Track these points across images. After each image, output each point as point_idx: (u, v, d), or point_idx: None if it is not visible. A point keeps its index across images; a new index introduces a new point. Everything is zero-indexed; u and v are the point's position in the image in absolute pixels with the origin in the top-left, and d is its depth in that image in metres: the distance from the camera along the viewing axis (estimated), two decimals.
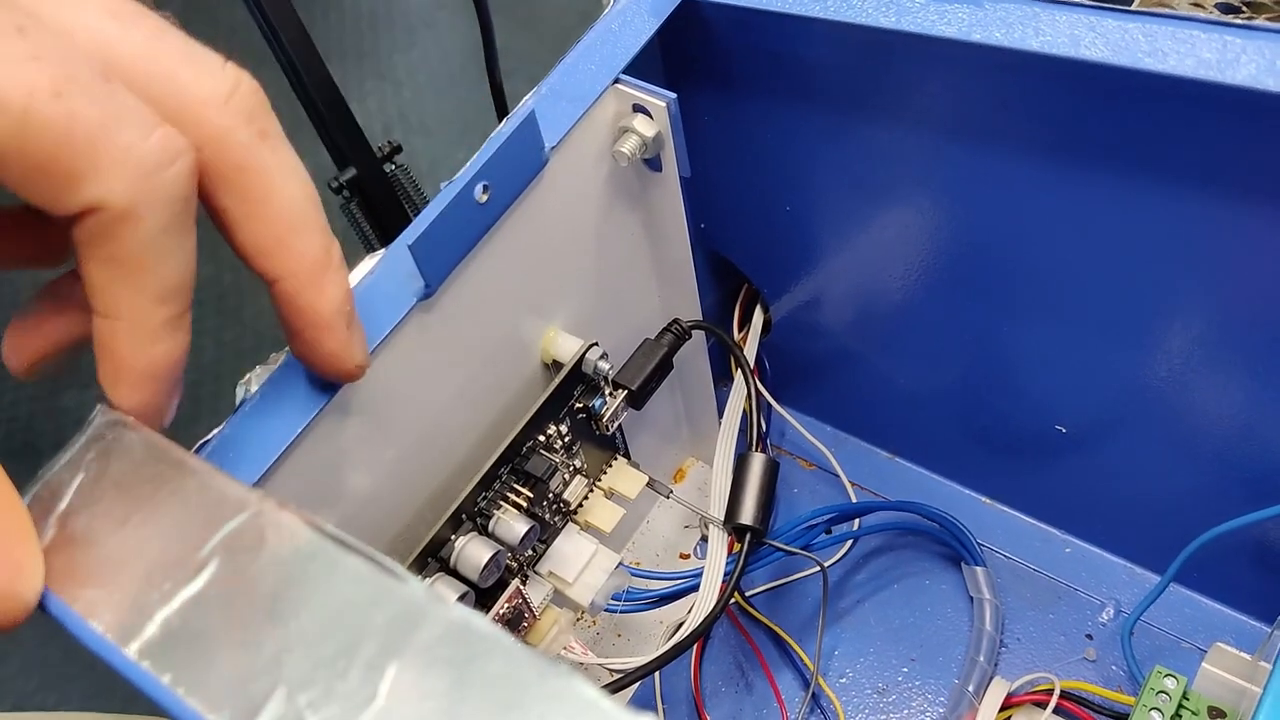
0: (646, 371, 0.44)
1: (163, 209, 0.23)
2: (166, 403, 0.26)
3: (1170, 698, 0.42)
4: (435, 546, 0.39)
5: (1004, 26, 0.35)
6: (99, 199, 0.22)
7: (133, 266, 0.23)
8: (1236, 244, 0.36)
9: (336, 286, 0.28)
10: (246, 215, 0.26)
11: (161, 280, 0.24)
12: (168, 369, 0.25)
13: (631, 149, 0.39)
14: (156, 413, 0.26)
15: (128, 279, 0.23)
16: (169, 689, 0.20)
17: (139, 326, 0.24)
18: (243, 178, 0.25)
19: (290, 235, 0.26)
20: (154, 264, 0.23)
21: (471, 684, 0.19)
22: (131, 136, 0.22)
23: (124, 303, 0.24)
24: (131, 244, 0.23)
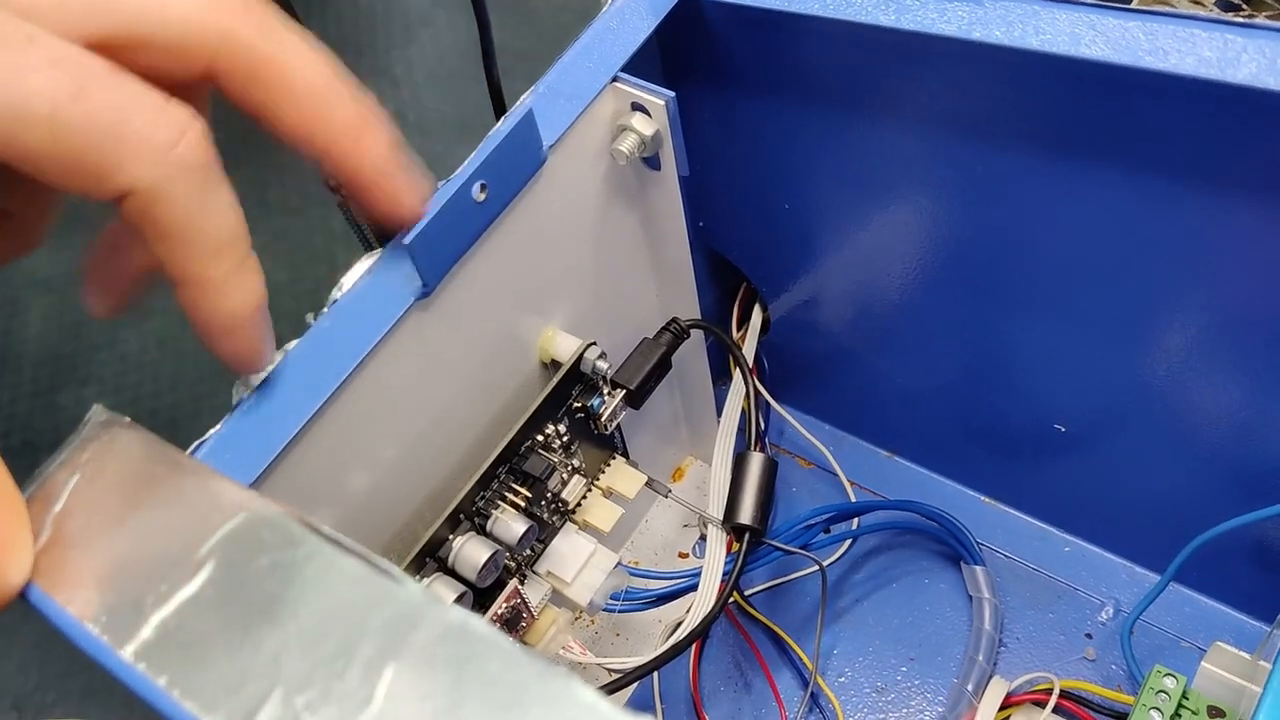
0: (645, 370, 0.44)
1: (185, 180, 0.24)
2: (260, 346, 0.28)
3: (1170, 697, 0.42)
4: (433, 546, 0.39)
5: (1004, 25, 0.34)
6: (128, 185, 0.24)
7: (178, 235, 0.25)
8: (1236, 243, 0.36)
9: (377, 139, 0.29)
10: (276, 104, 0.27)
11: (208, 239, 0.25)
12: (247, 316, 0.27)
13: (630, 147, 0.39)
14: (253, 356, 0.28)
15: (178, 247, 0.25)
16: (165, 691, 0.20)
17: (206, 285, 0.26)
18: (258, 74, 0.27)
19: (319, 107, 0.28)
20: (196, 228, 0.25)
21: (469, 685, 0.19)
22: (143, 123, 0.24)
23: (184, 268, 0.26)
24: (169, 217, 0.24)
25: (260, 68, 0.27)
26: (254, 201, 1.27)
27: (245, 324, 0.27)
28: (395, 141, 0.30)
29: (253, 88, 0.27)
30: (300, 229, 1.27)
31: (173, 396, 1.20)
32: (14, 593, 0.23)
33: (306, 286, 1.22)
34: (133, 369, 1.24)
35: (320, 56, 0.28)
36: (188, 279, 0.26)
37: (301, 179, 1.34)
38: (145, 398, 1.22)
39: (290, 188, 1.29)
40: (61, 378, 1.26)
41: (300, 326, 0.34)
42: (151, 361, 1.22)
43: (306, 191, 1.29)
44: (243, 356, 0.28)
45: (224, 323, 0.27)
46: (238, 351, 0.28)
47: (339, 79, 0.29)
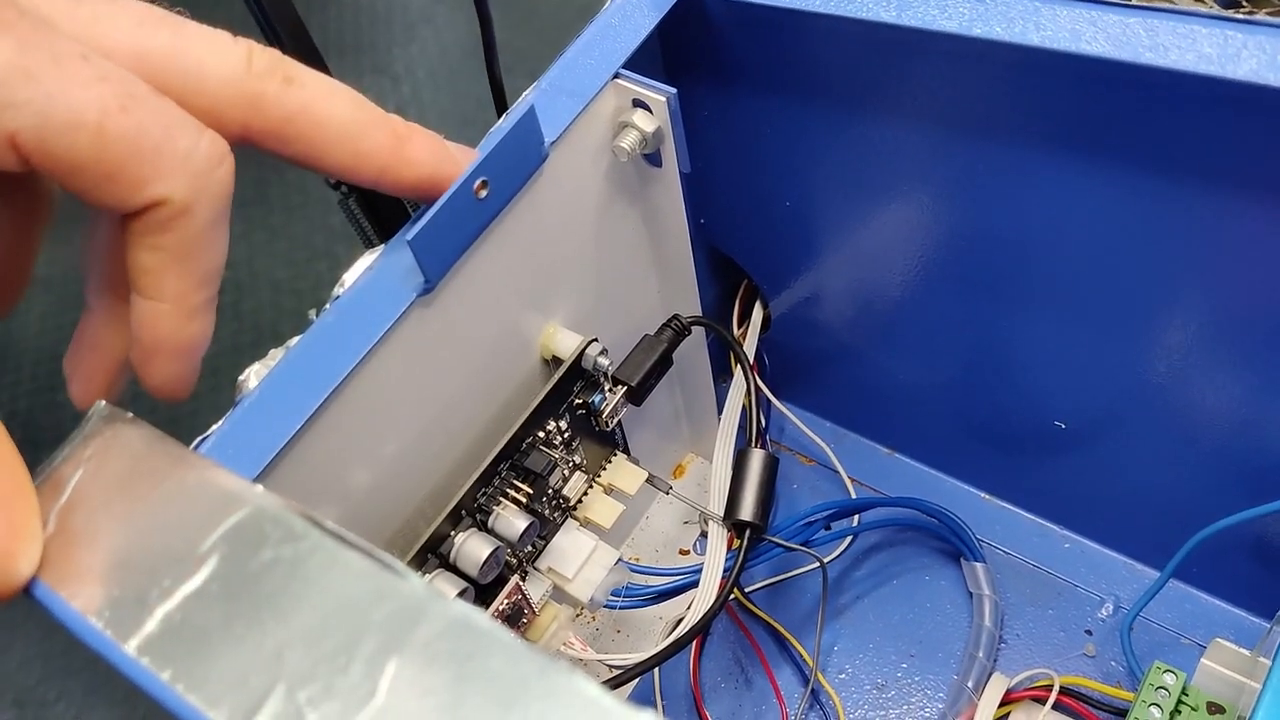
0: (646, 367, 0.44)
1: (213, 204, 0.26)
2: (192, 377, 0.30)
3: (1169, 693, 0.42)
4: (435, 542, 0.39)
5: (1005, 21, 0.34)
6: (164, 196, 0.25)
7: (182, 254, 0.26)
8: (1237, 239, 0.36)
9: (416, 147, 0.31)
10: (318, 150, 0.29)
11: (204, 267, 0.27)
12: (199, 345, 0.29)
13: (631, 144, 0.39)
14: (184, 386, 0.29)
15: (176, 265, 0.26)
16: (168, 685, 0.20)
17: (181, 307, 0.27)
18: (294, 124, 0.28)
19: (357, 142, 0.30)
20: (200, 253, 0.27)
21: (472, 680, 0.19)
22: (188, 142, 0.25)
23: (170, 286, 0.27)
24: (185, 234, 0.26)
25: (293, 122, 0.28)
26: (254, 199, 1.27)
27: (195, 353, 0.29)
28: (431, 137, 0.32)
29: (291, 140, 0.29)
30: (300, 226, 1.27)
31: None
32: (22, 583, 0.23)
33: (307, 284, 1.22)
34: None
35: (342, 92, 0.30)
36: (168, 296, 0.27)
37: (302, 176, 1.34)
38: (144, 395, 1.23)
39: (291, 185, 1.29)
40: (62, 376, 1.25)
41: (302, 323, 0.34)
42: None
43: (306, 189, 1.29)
44: (177, 383, 0.29)
45: (178, 347, 0.28)
46: (178, 376, 0.29)
47: (363, 108, 0.30)
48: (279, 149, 0.29)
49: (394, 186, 0.31)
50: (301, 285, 1.22)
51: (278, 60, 0.28)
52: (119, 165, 0.24)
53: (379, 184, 0.31)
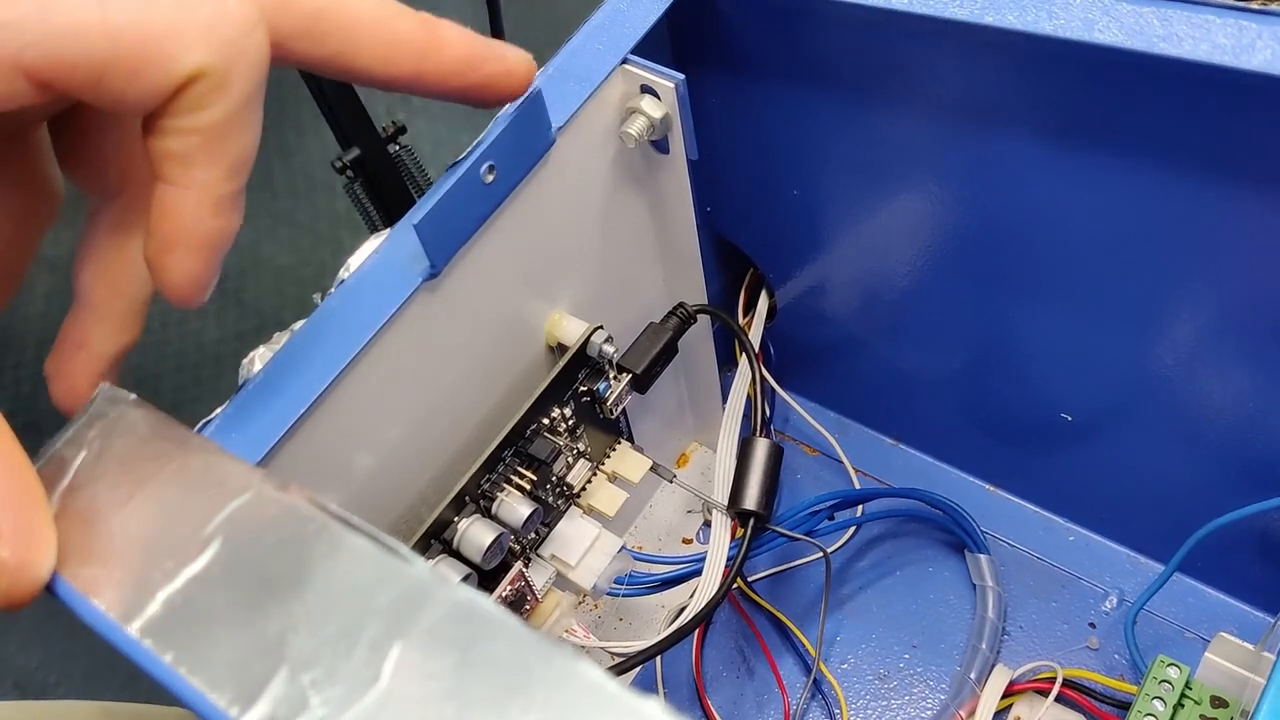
0: (651, 355, 0.43)
1: (249, 74, 0.24)
2: (209, 280, 0.27)
3: (1173, 687, 0.42)
4: (438, 528, 0.39)
5: (1017, 9, 0.34)
6: (196, 68, 0.23)
7: (214, 137, 0.24)
8: (1247, 231, 0.36)
9: (451, 32, 0.29)
10: (352, 44, 0.27)
11: (235, 153, 0.25)
12: (223, 242, 0.26)
13: (639, 130, 0.39)
14: (200, 287, 0.27)
15: (208, 150, 0.25)
16: (171, 668, 0.20)
17: (208, 196, 0.25)
18: (324, 18, 0.27)
19: (393, 31, 0.28)
20: (233, 136, 0.25)
21: (475, 665, 0.19)
22: (210, 9, 0.23)
23: (198, 173, 0.25)
24: (220, 112, 0.24)
25: (323, 16, 0.27)
26: (259, 186, 1.27)
27: (217, 250, 0.26)
28: (462, 28, 0.30)
29: (321, 41, 0.27)
30: (305, 213, 1.27)
31: (176, 379, 1.20)
32: (40, 586, 0.22)
33: (311, 270, 1.23)
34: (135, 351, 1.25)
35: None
36: (196, 182, 0.25)
37: (307, 163, 1.34)
38: (148, 380, 1.23)
39: (295, 172, 1.29)
40: None
41: (307, 307, 0.34)
42: (154, 344, 1.23)
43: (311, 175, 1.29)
44: (193, 283, 0.27)
45: (201, 239, 0.26)
46: (196, 275, 0.26)
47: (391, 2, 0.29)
48: (310, 50, 0.27)
49: (434, 75, 0.29)
50: (305, 272, 1.22)
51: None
52: (139, 52, 0.23)
53: (418, 77, 0.29)
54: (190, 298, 0.27)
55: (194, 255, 0.26)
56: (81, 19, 0.22)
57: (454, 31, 0.30)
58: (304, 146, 1.31)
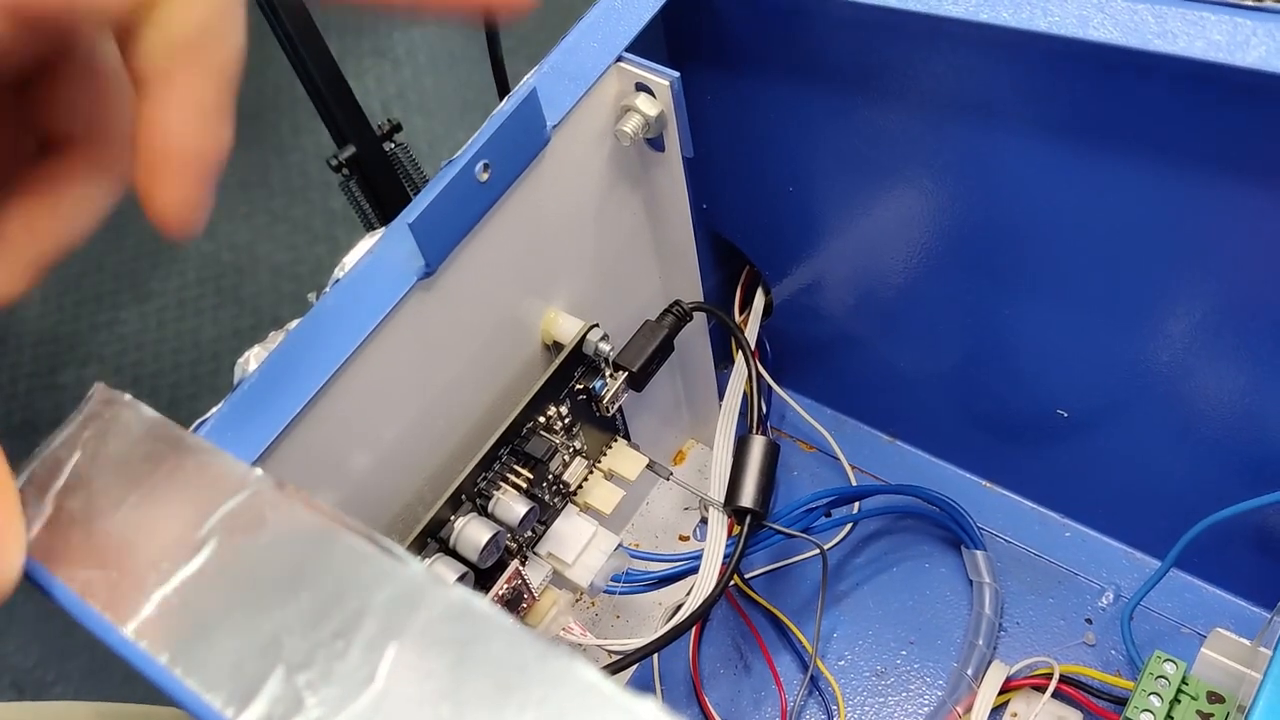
0: (647, 353, 0.43)
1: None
2: (204, 203, 0.26)
3: (1169, 682, 0.42)
4: (435, 527, 0.39)
5: (1012, 6, 0.34)
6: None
7: (196, 42, 0.24)
8: (1241, 227, 0.36)
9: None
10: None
11: (222, 59, 0.24)
12: (214, 158, 0.25)
13: (634, 128, 0.39)
14: (193, 211, 0.25)
15: (191, 56, 0.24)
16: (166, 669, 0.20)
17: (195, 109, 0.24)
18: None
19: None
20: (217, 40, 0.24)
21: (471, 665, 0.19)
22: None
23: (184, 84, 0.24)
24: (202, 12, 0.23)
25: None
26: (255, 183, 1.27)
27: (210, 168, 0.25)
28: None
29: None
30: (301, 210, 1.27)
31: (173, 377, 1.20)
32: (10, 589, 0.22)
33: (307, 268, 1.23)
34: (133, 348, 1.25)
35: None
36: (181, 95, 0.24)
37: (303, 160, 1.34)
38: (145, 378, 1.23)
39: (292, 169, 1.29)
40: (61, 357, 1.26)
41: (303, 305, 0.34)
42: (151, 342, 1.23)
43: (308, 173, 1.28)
44: (185, 206, 0.25)
45: (191, 155, 0.25)
46: (187, 198, 0.25)
47: None
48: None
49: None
50: (302, 269, 1.22)
51: None
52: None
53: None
54: (184, 224, 0.25)
55: (184, 175, 0.25)
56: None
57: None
58: (300, 144, 1.31)
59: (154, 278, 1.26)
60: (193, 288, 1.24)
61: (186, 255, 1.26)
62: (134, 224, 0.33)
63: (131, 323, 1.22)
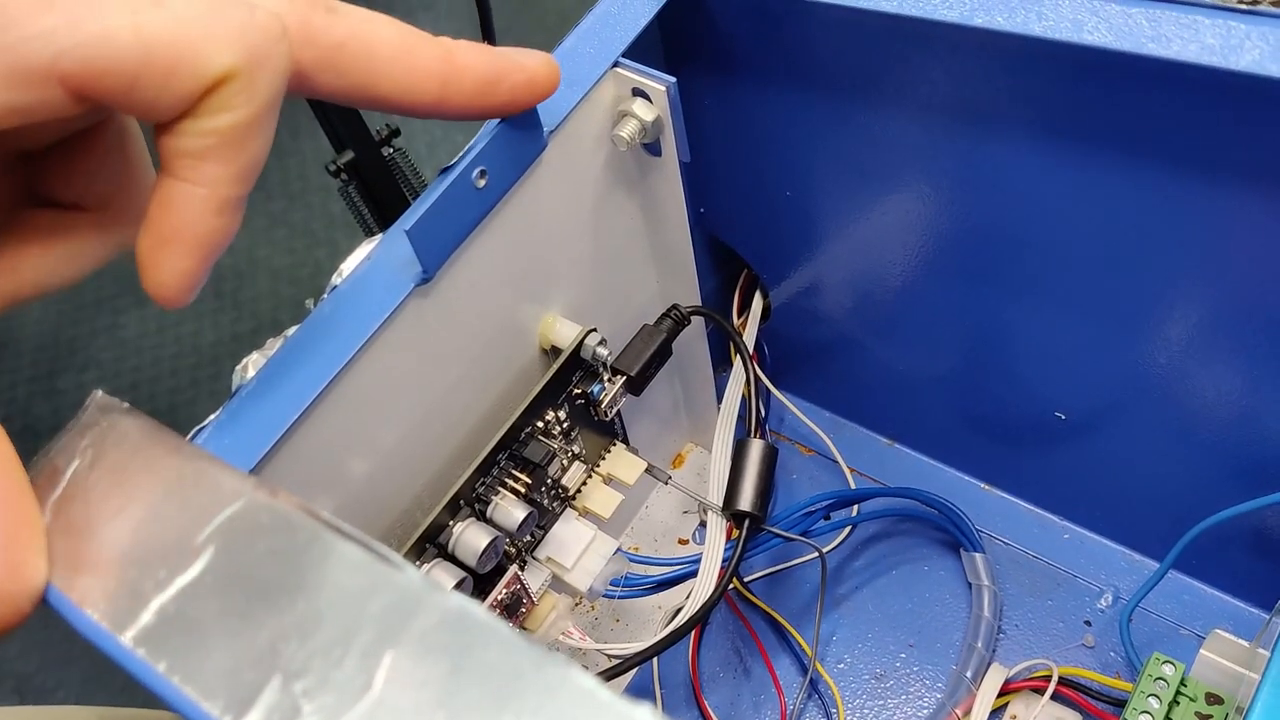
0: (645, 357, 0.44)
1: (273, 81, 0.25)
2: (197, 282, 0.27)
3: (1168, 684, 0.42)
4: (433, 532, 0.39)
5: (1006, 11, 0.34)
6: (225, 69, 0.24)
7: (232, 139, 0.25)
8: (1238, 230, 0.36)
9: (469, 56, 0.30)
10: (374, 76, 0.28)
11: (249, 157, 0.26)
12: (219, 244, 0.27)
13: (631, 133, 0.39)
14: (188, 287, 0.27)
15: (223, 151, 0.25)
16: (164, 677, 0.20)
17: (215, 196, 0.26)
18: (346, 50, 0.28)
19: (413, 62, 0.29)
20: (250, 139, 0.25)
21: (468, 672, 0.19)
22: (240, 15, 0.24)
23: (209, 171, 0.25)
24: (240, 115, 0.25)
25: (345, 48, 0.27)
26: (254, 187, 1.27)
27: (211, 252, 0.27)
28: (473, 43, 0.31)
29: (344, 73, 0.28)
30: (300, 213, 1.27)
31: (172, 382, 1.20)
32: (24, 615, 0.22)
33: (306, 271, 1.23)
34: (132, 354, 1.25)
35: (383, 16, 0.29)
36: (205, 181, 0.25)
37: (302, 165, 1.34)
38: (144, 383, 1.23)
39: (291, 174, 1.29)
40: (61, 363, 1.26)
41: (302, 310, 0.34)
42: (151, 347, 1.23)
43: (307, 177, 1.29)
44: (182, 282, 0.27)
45: (198, 238, 0.26)
46: (185, 273, 0.27)
47: (407, 28, 0.29)
48: (333, 82, 0.28)
49: (456, 101, 0.30)
50: (301, 273, 1.22)
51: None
52: (172, 57, 0.23)
53: (440, 104, 0.30)
54: (177, 297, 0.27)
55: (190, 253, 0.26)
56: (113, 25, 0.22)
57: (473, 54, 0.30)
58: (299, 149, 1.31)
59: None
60: None
61: None
62: None
63: (131, 327, 1.22)
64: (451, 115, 0.30)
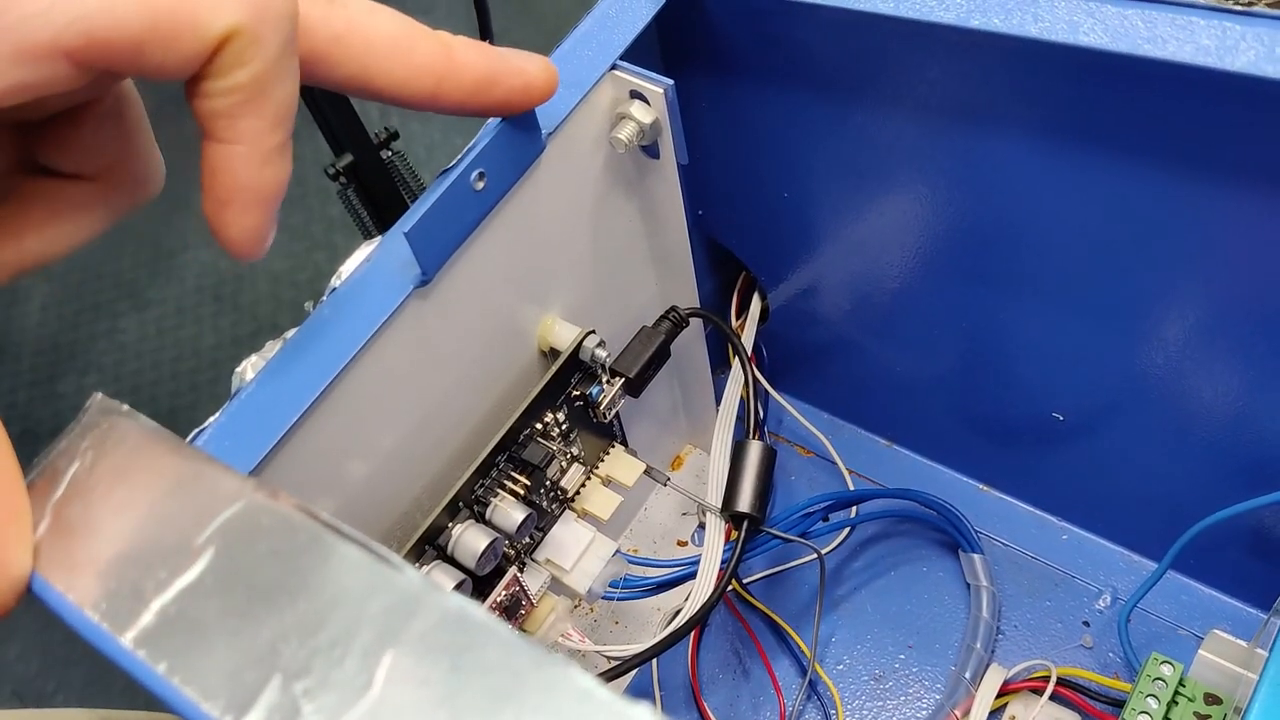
0: (644, 359, 0.44)
1: (279, 27, 0.25)
2: (268, 230, 0.28)
3: (1167, 685, 0.42)
4: (432, 534, 0.39)
5: (1002, 12, 0.34)
6: (229, 27, 0.24)
7: (256, 90, 0.25)
8: (1234, 231, 0.36)
9: (468, 53, 0.30)
10: (371, 68, 0.28)
11: (277, 104, 0.26)
12: (276, 191, 0.27)
13: (629, 136, 0.39)
14: (260, 239, 0.28)
15: (250, 104, 0.25)
16: (164, 678, 0.20)
17: (256, 149, 0.26)
18: (343, 43, 0.28)
19: (411, 56, 0.29)
20: (273, 87, 0.25)
21: (467, 673, 0.19)
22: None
23: (245, 127, 0.26)
24: (257, 67, 0.25)
25: (343, 41, 0.27)
26: None
27: (272, 201, 0.27)
28: (473, 40, 0.31)
29: (341, 65, 0.28)
30: (299, 217, 1.27)
31: (172, 385, 1.20)
32: (20, 585, 0.23)
33: (306, 275, 1.23)
34: (132, 357, 1.25)
35: (383, 8, 0.29)
36: (244, 137, 0.26)
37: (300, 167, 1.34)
38: (144, 386, 1.23)
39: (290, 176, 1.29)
40: (61, 366, 1.26)
41: (299, 314, 0.34)
42: (151, 350, 1.23)
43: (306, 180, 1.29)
44: (253, 235, 0.27)
45: (255, 192, 0.26)
46: (254, 227, 0.27)
47: (407, 20, 0.29)
48: (330, 74, 0.28)
49: (452, 96, 0.30)
50: (300, 276, 1.22)
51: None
52: (173, 20, 0.23)
53: (435, 98, 0.30)
54: (251, 251, 0.28)
55: (249, 209, 0.27)
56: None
57: (472, 52, 0.30)
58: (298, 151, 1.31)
59: (153, 286, 1.26)
60: (191, 295, 1.24)
61: (185, 263, 1.26)
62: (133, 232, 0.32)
63: (131, 331, 1.22)
64: (444, 110, 0.30)
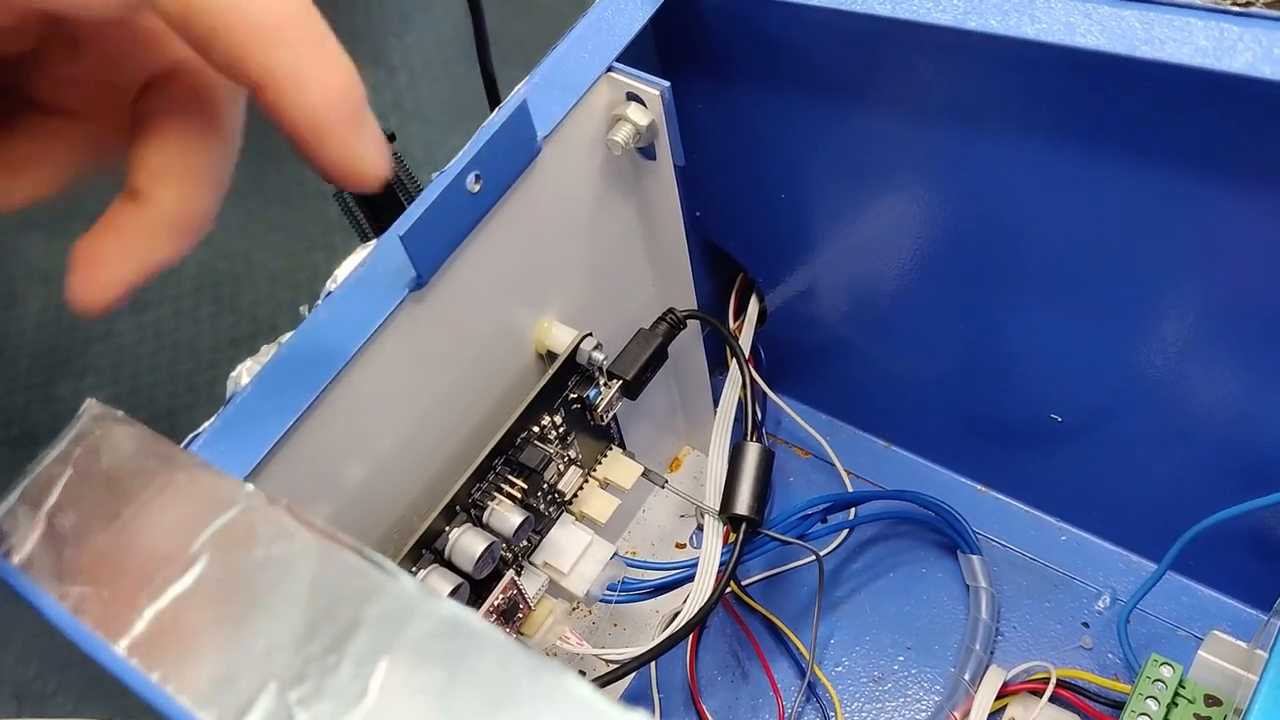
0: (641, 361, 0.44)
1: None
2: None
3: (1166, 686, 0.42)
4: (430, 538, 0.39)
5: (999, 14, 0.34)
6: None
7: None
8: (1231, 232, 0.36)
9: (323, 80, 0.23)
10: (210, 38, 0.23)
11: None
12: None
13: (625, 138, 0.39)
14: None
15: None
16: (158, 686, 0.20)
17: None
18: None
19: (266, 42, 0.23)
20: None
21: (463, 680, 0.19)
22: None
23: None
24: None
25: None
26: (250, 191, 1.27)
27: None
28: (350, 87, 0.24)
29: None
30: (297, 218, 1.27)
31: (170, 387, 1.20)
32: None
33: (304, 276, 1.22)
34: (129, 361, 1.24)
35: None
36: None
37: (298, 168, 1.34)
38: (142, 389, 1.22)
39: (287, 176, 1.28)
40: (59, 369, 1.25)
41: (295, 318, 0.34)
42: (148, 353, 1.22)
43: (303, 181, 1.28)
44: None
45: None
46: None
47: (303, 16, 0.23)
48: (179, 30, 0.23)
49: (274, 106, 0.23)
50: (298, 277, 1.22)
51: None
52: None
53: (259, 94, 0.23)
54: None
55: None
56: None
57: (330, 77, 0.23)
58: None
59: (150, 288, 1.25)
60: (189, 297, 1.24)
61: (182, 264, 1.26)
62: None
63: (128, 334, 1.22)
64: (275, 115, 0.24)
